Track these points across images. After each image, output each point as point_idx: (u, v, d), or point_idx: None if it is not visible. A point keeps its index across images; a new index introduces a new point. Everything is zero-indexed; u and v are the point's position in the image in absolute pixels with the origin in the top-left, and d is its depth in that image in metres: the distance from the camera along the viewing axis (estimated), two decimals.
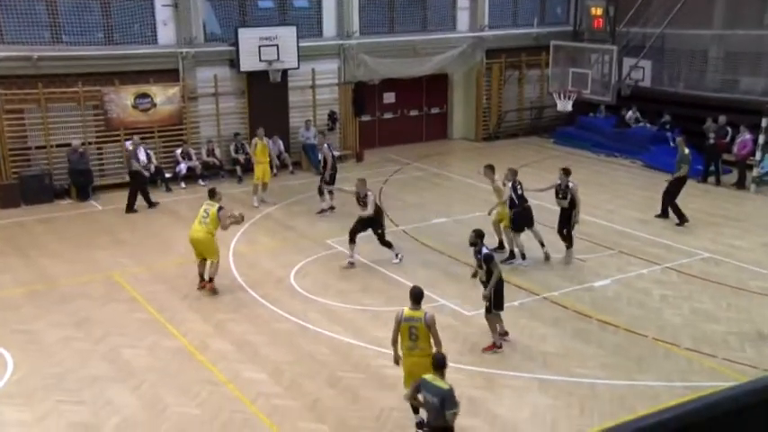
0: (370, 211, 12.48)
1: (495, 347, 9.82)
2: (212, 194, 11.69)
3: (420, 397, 6.94)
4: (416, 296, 7.76)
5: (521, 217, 12.56)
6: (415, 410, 7.86)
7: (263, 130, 16.85)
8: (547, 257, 12.78)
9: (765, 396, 0.86)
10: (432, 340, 7.64)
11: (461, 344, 9.92)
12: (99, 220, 15.76)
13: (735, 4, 20.45)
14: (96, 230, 14.97)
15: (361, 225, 12.70)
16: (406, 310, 7.74)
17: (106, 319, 10.82)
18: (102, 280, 12.33)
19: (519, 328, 10.45)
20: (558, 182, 12.74)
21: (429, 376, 6.88)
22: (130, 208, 16.09)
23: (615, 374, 9.25)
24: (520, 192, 12.59)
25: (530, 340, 10.15)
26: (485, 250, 9.64)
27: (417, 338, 7.64)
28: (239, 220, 12.00)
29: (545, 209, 13.89)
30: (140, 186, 16.23)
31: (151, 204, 16.32)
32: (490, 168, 12.91)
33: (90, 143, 17.51)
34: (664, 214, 15.13)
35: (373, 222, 12.69)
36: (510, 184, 12.56)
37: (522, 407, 8.54)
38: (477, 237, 9.71)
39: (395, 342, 7.85)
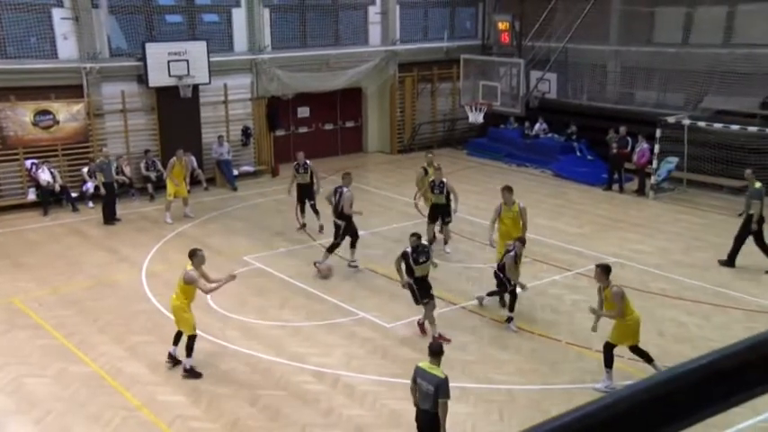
0: None
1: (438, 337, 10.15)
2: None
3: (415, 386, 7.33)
4: (190, 255, 9.52)
5: None
6: (176, 341, 9.47)
7: (182, 151, 16.55)
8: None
9: (658, 392, 0.92)
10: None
11: (381, 356, 9.93)
12: None
13: (627, 21, 21.57)
14: None
15: None
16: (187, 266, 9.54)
17: (5, 348, 10.22)
18: (0, 306, 11.65)
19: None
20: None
21: (425, 364, 7.32)
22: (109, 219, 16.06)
23: (531, 379, 9.51)
24: None
25: (449, 349, 10.22)
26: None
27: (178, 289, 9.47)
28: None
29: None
30: (109, 198, 16.12)
31: (109, 220, 16.08)
32: (509, 190, 12.04)
33: None
34: (729, 262, 13.37)
35: None
36: None
37: None
38: (413, 236, 10.55)
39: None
